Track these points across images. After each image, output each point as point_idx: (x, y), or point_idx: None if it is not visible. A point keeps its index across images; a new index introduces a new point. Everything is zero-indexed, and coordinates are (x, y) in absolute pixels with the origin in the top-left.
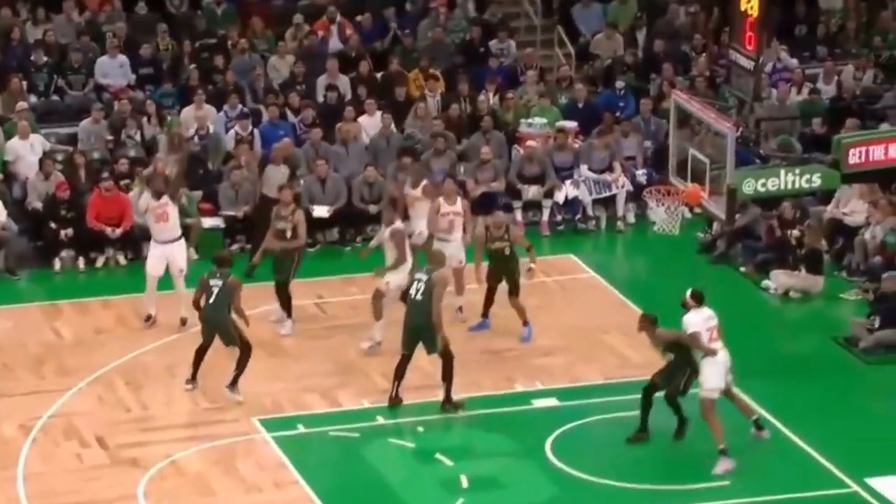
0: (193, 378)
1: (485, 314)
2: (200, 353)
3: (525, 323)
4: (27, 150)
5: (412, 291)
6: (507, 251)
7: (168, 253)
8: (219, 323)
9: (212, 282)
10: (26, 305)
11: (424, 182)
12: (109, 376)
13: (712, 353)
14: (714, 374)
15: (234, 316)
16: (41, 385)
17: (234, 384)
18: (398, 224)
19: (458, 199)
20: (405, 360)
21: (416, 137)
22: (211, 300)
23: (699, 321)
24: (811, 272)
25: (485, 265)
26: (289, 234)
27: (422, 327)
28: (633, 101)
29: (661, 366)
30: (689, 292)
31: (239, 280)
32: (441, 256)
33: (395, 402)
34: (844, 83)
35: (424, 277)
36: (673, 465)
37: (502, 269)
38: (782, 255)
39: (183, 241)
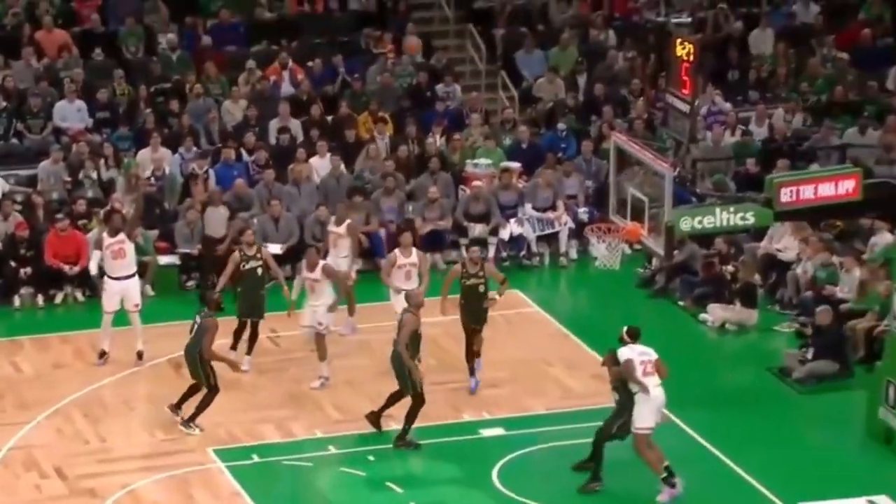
0: (178, 406)
1: (472, 371)
2: (192, 389)
3: (478, 355)
4: None
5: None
6: (482, 288)
7: (123, 289)
8: (191, 359)
9: (196, 318)
10: None
11: (348, 221)
12: (68, 409)
13: (644, 388)
14: (646, 412)
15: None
16: (1, 418)
17: (190, 420)
18: (325, 260)
19: (414, 250)
20: (398, 394)
21: (366, 178)
22: (191, 335)
23: (634, 355)
24: (746, 306)
25: (450, 299)
26: (260, 271)
27: (398, 365)
28: (574, 142)
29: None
30: (624, 329)
31: (215, 322)
32: (419, 298)
33: (373, 422)
34: (775, 125)
35: (398, 318)
36: (616, 491)
37: (475, 307)
38: (718, 289)
39: (137, 277)
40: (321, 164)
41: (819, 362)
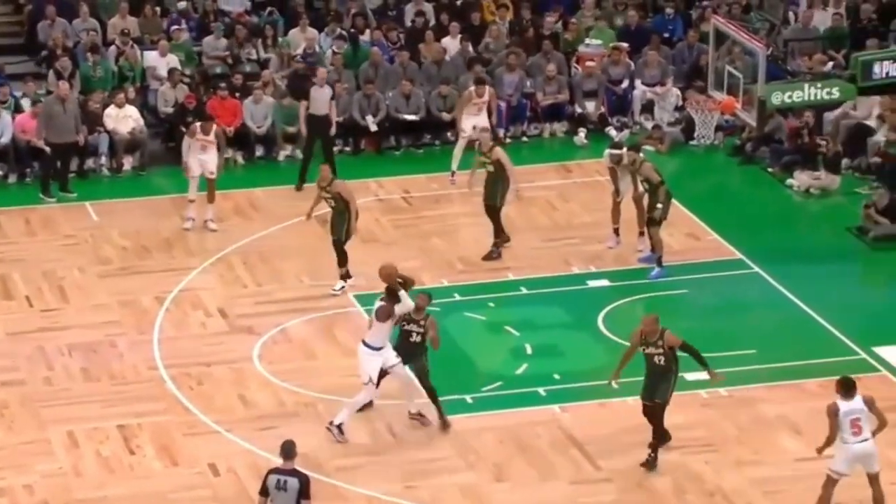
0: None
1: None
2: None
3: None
4: (162, 66)
5: None
6: (642, 188)
7: None
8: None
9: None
10: (158, 198)
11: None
12: (229, 257)
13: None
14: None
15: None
16: (172, 264)
17: None
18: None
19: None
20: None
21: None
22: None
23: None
24: (831, 172)
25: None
26: (333, 203)
27: None
28: (681, 24)
29: None
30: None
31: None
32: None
33: None
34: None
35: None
36: (705, 335)
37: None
38: (805, 157)
39: None
40: (451, 44)
41: (894, 225)
